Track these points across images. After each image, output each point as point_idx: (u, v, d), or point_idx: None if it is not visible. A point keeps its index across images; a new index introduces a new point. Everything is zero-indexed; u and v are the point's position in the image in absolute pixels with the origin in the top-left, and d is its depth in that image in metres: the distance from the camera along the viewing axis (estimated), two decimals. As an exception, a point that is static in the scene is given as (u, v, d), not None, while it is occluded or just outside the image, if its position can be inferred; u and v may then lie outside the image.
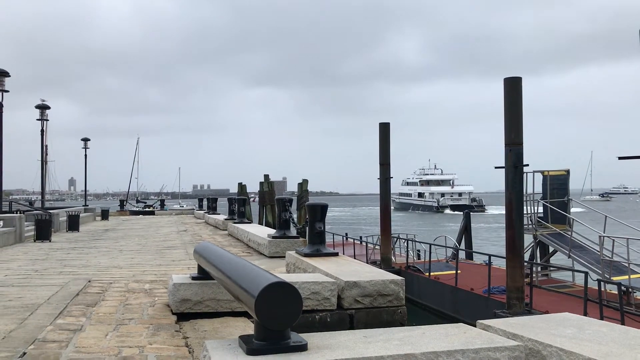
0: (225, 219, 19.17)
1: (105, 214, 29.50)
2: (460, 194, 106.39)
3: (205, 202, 31.17)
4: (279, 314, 3.12)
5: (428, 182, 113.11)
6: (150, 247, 13.58)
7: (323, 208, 8.00)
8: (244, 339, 3.29)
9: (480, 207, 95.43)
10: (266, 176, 37.10)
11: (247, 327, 5.21)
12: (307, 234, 8.11)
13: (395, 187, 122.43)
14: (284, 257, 9.01)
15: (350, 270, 6.53)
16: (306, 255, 7.61)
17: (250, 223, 18.02)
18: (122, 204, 45.26)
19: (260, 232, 13.00)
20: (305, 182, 33.10)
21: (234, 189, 43.04)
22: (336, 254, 7.80)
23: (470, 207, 36.84)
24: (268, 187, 36.57)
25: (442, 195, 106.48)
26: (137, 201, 64.51)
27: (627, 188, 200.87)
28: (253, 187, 40.23)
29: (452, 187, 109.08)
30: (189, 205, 67.65)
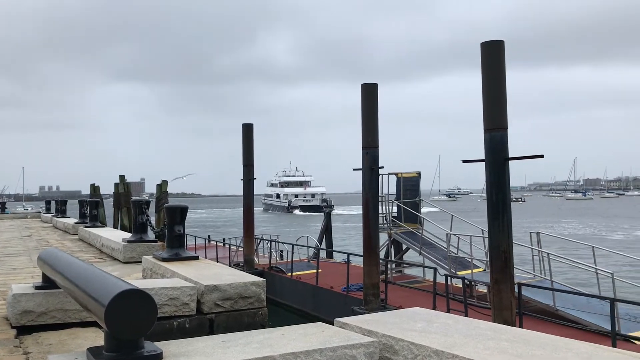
0: (76, 223, 17.89)
1: None
2: (313, 195, 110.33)
3: (53, 205, 28.96)
4: (131, 323, 2.95)
5: (287, 184, 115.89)
6: (-12, 255, 12.30)
7: (183, 210, 7.77)
8: (93, 352, 3.07)
9: (329, 208, 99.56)
10: (122, 177, 35.32)
11: (97, 338, 4.88)
12: (165, 237, 7.82)
13: (263, 188, 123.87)
14: (141, 262, 8.61)
15: (211, 273, 6.39)
16: (164, 259, 7.33)
17: (103, 227, 17.03)
18: (-46, 207, 40.69)
19: (114, 236, 12.30)
20: (164, 183, 31.99)
21: (87, 191, 40.49)
22: (197, 258, 7.60)
23: (320, 208, 38.71)
24: (124, 188, 34.84)
25: (296, 196, 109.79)
26: (-27, 204, 58.42)
27: (460, 189, 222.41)
28: (108, 189, 38.12)
29: (305, 189, 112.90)
30: (35, 208, 62.65)
